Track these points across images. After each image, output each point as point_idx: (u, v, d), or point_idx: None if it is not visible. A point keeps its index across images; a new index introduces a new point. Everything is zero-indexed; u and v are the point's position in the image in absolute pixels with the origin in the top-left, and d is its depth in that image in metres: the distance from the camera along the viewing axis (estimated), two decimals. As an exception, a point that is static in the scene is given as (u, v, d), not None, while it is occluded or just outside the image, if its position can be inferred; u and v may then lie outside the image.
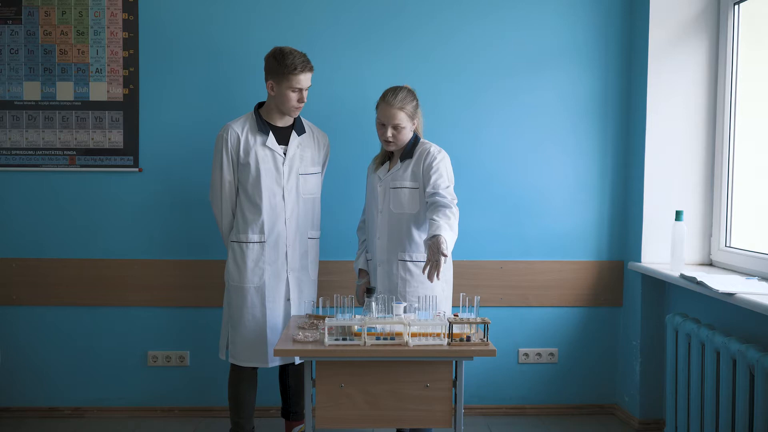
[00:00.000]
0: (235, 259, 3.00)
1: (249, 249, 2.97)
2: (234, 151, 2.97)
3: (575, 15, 3.50)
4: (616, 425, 3.51)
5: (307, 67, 2.89)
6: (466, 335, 2.48)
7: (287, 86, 2.89)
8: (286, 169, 2.99)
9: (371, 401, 2.48)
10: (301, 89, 2.92)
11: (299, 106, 2.96)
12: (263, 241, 2.97)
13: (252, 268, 2.97)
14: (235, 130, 2.98)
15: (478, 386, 3.59)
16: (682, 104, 3.36)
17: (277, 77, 2.90)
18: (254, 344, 2.96)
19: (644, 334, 3.41)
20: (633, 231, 3.50)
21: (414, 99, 2.88)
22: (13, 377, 3.55)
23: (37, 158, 3.49)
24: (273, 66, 2.90)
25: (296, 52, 2.89)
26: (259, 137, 2.97)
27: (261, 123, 2.99)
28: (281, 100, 2.93)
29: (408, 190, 2.88)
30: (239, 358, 2.98)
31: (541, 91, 3.52)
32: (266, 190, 2.96)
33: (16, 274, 3.51)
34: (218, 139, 3.00)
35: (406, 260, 2.87)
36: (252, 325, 2.96)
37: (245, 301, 2.96)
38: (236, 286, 2.98)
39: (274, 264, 2.98)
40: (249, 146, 2.96)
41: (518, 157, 3.55)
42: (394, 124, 2.82)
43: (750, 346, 2.50)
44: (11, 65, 3.46)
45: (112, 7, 3.45)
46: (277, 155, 2.98)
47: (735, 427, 2.58)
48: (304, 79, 2.90)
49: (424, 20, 3.49)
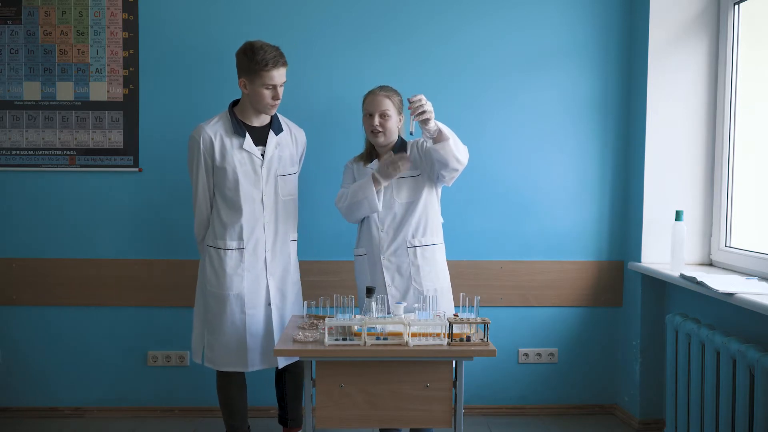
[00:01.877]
0: (212, 265, 2.90)
1: (227, 256, 2.88)
2: (208, 154, 2.85)
3: (575, 15, 3.50)
4: (616, 425, 3.51)
5: (279, 62, 2.78)
6: (466, 335, 2.48)
7: (260, 83, 2.78)
8: (264, 172, 2.89)
9: (371, 401, 2.48)
10: (275, 86, 2.80)
11: (274, 104, 2.85)
12: (242, 247, 2.88)
13: (231, 275, 2.87)
14: (208, 132, 2.85)
15: (478, 386, 3.59)
16: (682, 104, 3.36)
17: (248, 74, 2.79)
18: (234, 350, 2.89)
19: (644, 334, 3.41)
20: (633, 231, 3.50)
21: (399, 95, 2.91)
22: (13, 377, 3.55)
23: (37, 158, 3.49)
24: (243, 63, 2.80)
25: (268, 47, 2.78)
26: (235, 140, 2.86)
27: (236, 124, 2.87)
28: (255, 98, 2.83)
29: (410, 178, 2.89)
30: (218, 363, 2.92)
31: (541, 91, 3.52)
32: (244, 194, 2.85)
33: (16, 274, 3.51)
34: (190, 141, 2.89)
35: (416, 246, 2.88)
36: (231, 331, 2.88)
37: (224, 308, 2.88)
38: (214, 293, 2.90)
39: (253, 270, 2.90)
40: (225, 149, 2.84)
41: (518, 157, 3.55)
42: (381, 111, 2.84)
43: (750, 346, 2.50)
44: (11, 65, 3.46)
45: (112, 7, 3.45)
46: (255, 158, 2.88)
47: (735, 427, 2.58)
48: (277, 75, 2.79)
49: (424, 20, 3.49)
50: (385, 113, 2.85)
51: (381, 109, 2.85)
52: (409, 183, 2.90)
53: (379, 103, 2.85)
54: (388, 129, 2.87)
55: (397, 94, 2.91)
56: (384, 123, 2.86)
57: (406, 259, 2.89)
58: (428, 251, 2.91)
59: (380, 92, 2.87)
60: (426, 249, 2.90)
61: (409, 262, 2.88)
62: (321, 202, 3.45)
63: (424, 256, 2.89)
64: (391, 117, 2.87)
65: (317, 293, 3.20)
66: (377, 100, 2.86)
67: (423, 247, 2.90)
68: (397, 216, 2.90)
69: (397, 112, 2.90)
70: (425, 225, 2.90)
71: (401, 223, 2.89)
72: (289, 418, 3.17)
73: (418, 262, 2.88)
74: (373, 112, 2.86)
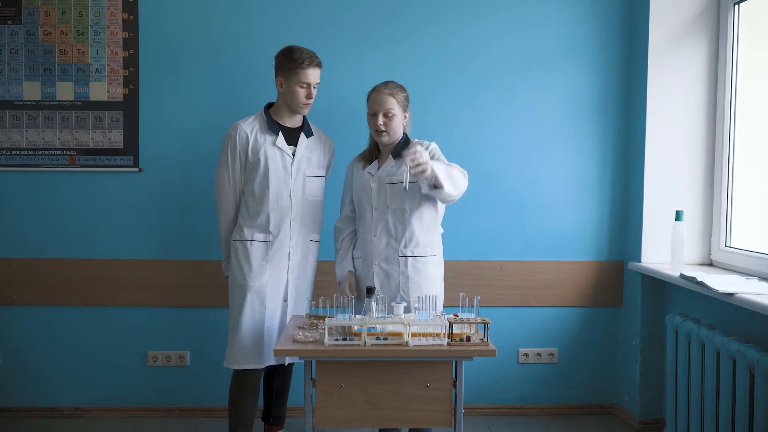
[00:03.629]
0: (237, 258, 2.98)
1: (253, 247, 2.96)
2: (243, 149, 2.96)
3: (575, 15, 3.50)
4: (616, 425, 3.51)
5: (314, 62, 2.92)
6: (466, 335, 2.48)
7: (295, 81, 2.90)
8: (294, 170, 2.99)
9: (371, 401, 2.48)
10: (309, 84, 2.92)
11: (308, 102, 2.96)
12: (268, 240, 2.97)
13: (255, 267, 2.95)
14: (244, 129, 2.97)
15: (478, 386, 3.59)
16: (682, 104, 3.36)
17: (285, 73, 2.92)
18: (250, 345, 2.94)
19: (644, 334, 3.41)
20: (633, 231, 3.50)
21: (404, 91, 2.88)
22: (13, 377, 3.55)
23: (37, 158, 3.49)
24: (281, 62, 2.93)
25: (304, 49, 2.93)
26: (268, 136, 2.97)
27: (271, 123, 2.99)
28: (290, 96, 2.94)
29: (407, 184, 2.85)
30: (236, 360, 2.95)
31: (541, 91, 3.53)
32: (274, 189, 2.95)
33: (16, 274, 3.51)
34: (227, 138, 3.00)
35: (407, 256, 2.85)
36: (249, 324, 2.94)
37: (245, 299, 2.95)
38: (238, 285, 2.97)
39: (277, 264, 2.98)
40: (258, 145, 2.96)
41: (518, 156, 3.55)
42: (385, 110, 2.81)
43: (750, 346, 2.50)
44: (11, 65, 3.46)
45: (112, 7, 3.45)
46: (286, 155, 2.98)
47: (735, 427, 2.58)
48: (312, 73, 2.91)
49: (424, 20, 3.49)
50: (389, 112, 2.82)
51: (385, 109, 2.81)
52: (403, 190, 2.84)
53: (383, 102, 2.82)
54: (392, 128, 2.84)
55: (402, 90, 2.87)
56: (388, 123, 2.83)
57: (397, 268, 2.85)
58: (420, 262, 2.86)
59: (385, 90, 2.83)
60: (418, 260, 2.86)
61: (400, 271, 2.84)
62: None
63: (416, 267, 2.85)
64: (396, 116, 2.83)
65: (317, 293, 3.19)
66: (381, 99, 2.82)
67: (415, 258, 2.85)
68: (389, 223, 2.86)
69: (402, 111, 2.86)
70: (420, 235, 2.85)
71: (394, 230, 2.86)
72: (273, 415, 3.23)
73: (408, 273, 2.85)
74: (377, 111, 2.83)
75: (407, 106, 2.89)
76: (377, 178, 2.90)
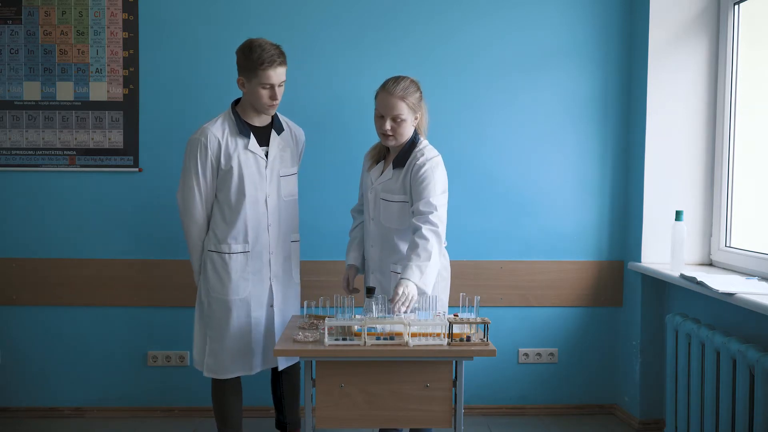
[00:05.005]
0: (216, 271, 2.82)
1: (232, 260, 2.81)
2: (214, 157, 2.76)
3: (575, 15, 3.50)
4: (616, 425, 3.51)
5: (276, 62, 2.68)
6: (466, 335, 2.48)
7: (257, 83, 2.70)
8: (268, 173, 2.83)
9: (371, 401, 2.47)
10: (273, 85, 2.72)
11: (272, 104, 2.76)
12: (247, 251, 2.82)
13: (236, 280, 2.81)
14: (215, 134, 2.76)
15: (478, 386, 3.59)
16: (682, 104, 3.36)
17: (246, 73, 2.71)
18: (239, 355, 2.85)
19: (644, 334, 3.41)
20: (633, 231, 3.50)
21: (417, 90, 2.68)
22: (13, 377, 3.55)
23: (37, 158, 3.49)
24: (241, 61, 2.73)
25: (267, 45, 2.69)
26: (239, 140, 2.78)
27: (241, 124, 2.80)
28: (253, 97, 2.75)
29: (398, 204, 2.71)
30: (220, 371, 2.84)
31: (542, 91, 3.52)
32: (249, 196, 2.79)
33: (16, 274, 3.51)
34: (194, 143, 2.77)
35: (398, 272, 2.67)
36: (237, 336, 2.83)
37: (230, 313, 2.82)
38: (219, 299, 2.83)
39: (258, 273, 2.85)
40: (230, 151, 2.77)
41: (518, 156, 3.54)
42: (394, 115, 2.62)
43: (750, 346, 2.50)
44: (11, 65, 3.46)
45: (112, 7, 3.45)
46: (259, 158, 2.81)
47: (735, 427, 2.58)
48: (274, 74, 2.69)
49: (424, 20, 3.49)
50: (398, 117, 2.62)
51: (394, 113, 2.61)
52: (395, 208, 2.71)
53: (392, 107, 2.61)
54: (399, 133, 2.65)
55: (415, 90, 2.66)
56: (396, 128, 2.64)
57: (390, 282, 2.75)
58: None
59: (396, 93, 2.61)
60: None
61: (392, 285, 2.69)
62: (321, 202, 3.46)
63: None
64: (405, 120, 2.63)
65: (317, 293, 3.19)
66: (391, 103, 2.61)
67: None
68: (384, 236, 2.76)
69: (412, 114, 2.65)
70: None
71: (387, 244, 2.76)
72: (288, 422, 3.13)
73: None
74: (385, 114, 2.63)
75: (420, 106, 2.70)
76: (374, 190, 2.78)
